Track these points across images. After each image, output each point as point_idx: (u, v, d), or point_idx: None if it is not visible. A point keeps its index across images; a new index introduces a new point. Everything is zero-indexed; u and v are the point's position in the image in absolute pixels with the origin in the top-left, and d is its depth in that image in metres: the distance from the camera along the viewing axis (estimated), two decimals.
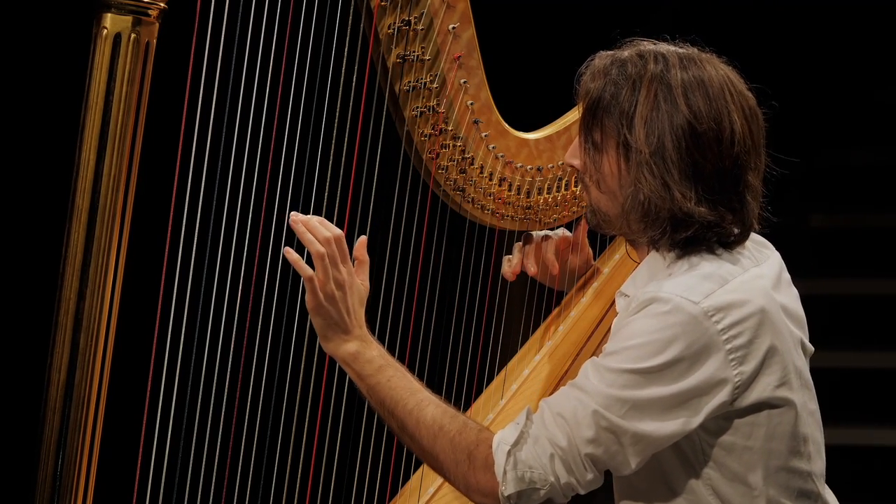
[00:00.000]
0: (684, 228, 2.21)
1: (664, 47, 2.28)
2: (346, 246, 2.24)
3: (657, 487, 2.22)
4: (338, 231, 2.24)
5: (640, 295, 2.19)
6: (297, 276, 2.28)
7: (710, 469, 2.20)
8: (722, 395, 2.15)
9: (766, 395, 2.18)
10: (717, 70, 2.25)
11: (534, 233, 2.65)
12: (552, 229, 2.68)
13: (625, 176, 2.24)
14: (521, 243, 2.65)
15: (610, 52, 2.30)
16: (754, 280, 2.22)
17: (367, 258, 2.30)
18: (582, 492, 2.16)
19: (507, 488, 2.15)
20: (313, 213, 2.29)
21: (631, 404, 2.13)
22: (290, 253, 2.21)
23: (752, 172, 2.23)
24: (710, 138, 2.20)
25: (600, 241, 2.77)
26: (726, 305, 2.16)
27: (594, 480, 2.16)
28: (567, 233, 2.68)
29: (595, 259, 2.78)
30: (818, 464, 2.27)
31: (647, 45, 2.29)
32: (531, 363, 2.61)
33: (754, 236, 2.31)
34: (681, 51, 2.27)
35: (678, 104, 2.20)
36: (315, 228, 2.22)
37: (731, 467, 2.20)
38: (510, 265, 2.64)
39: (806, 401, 2.24)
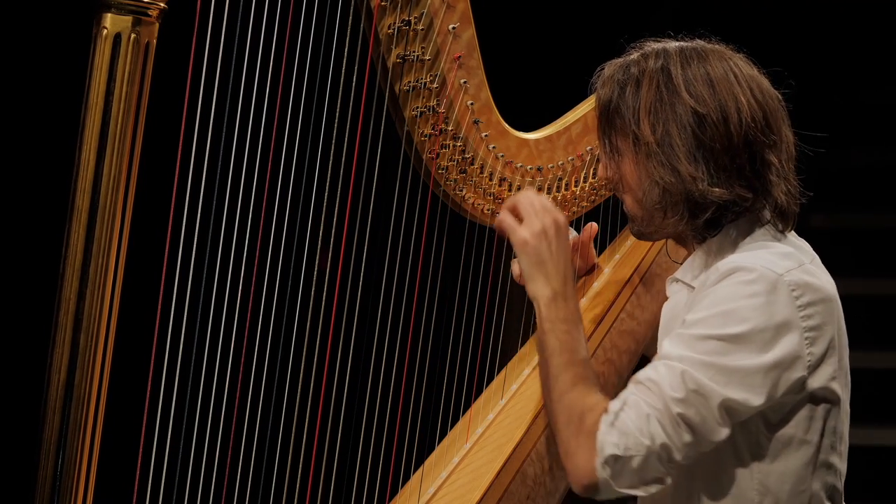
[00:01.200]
0: (702, 210, 2.24)
1: (668, 44, 2.31)
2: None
3: (706, 480, 2.22)
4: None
5: (721, 266, 2.21)
6: (296, 276, 2.28)
7: (762, 463, 2.21)
8: (800, 370, 2.17)
9: (825, 385, 2.21)
10: (722, 57, 2.28)
11: None
12: None
13: (642, 171, 2.26)
14: None
15: (617, 60, 2.33)
16: (822, 270, 2.27)
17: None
18: (678, 456, 2.15)
19: (603, 453, 2.14)
20: (313, 213, 2.30)
21: (717, 369, 2.14)
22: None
23: (770, 150, 2.24)
24: (716, 119, 2.22)
25: (600, 242, 2.77)
26: (804, 284, 2.19)
27: (692, 444, 2.15)
28: (576, 234, 2.68)
29: (596, 258, 2.78)
30: (845, 465, 2.29)
31: (651, 45, 2.33)
32: (531, 363, 2.61)
33: (794, 237, 2.32)
34: (684, 44, 2.31)
35: (680, 93, 2.23)
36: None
37: (784, 461, 2.21)
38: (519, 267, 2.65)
39: (846, 400, 2.28)
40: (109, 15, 2.03)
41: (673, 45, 2.31)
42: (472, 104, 2.49)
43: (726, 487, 2.22)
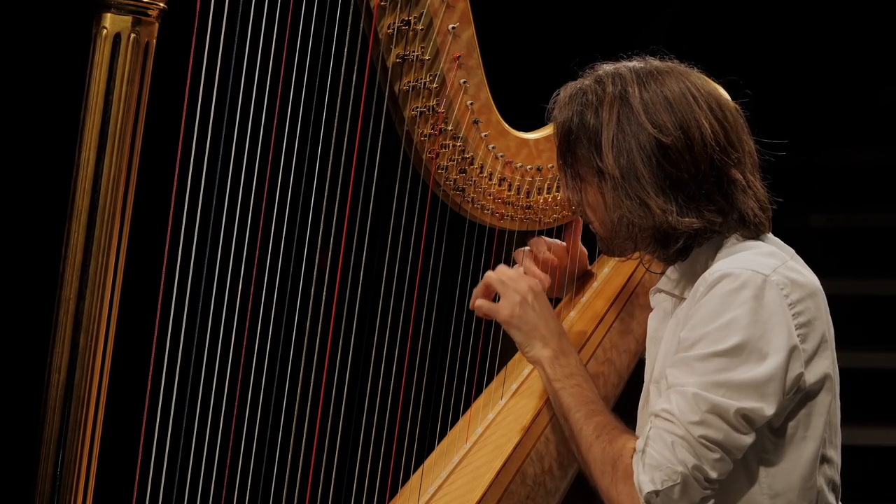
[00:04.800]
0: (673, 241, 2.25)
1: (622, 66, 2.30)
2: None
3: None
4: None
5: (707, 276, 2.21)
6: (296, 276, 2.28)
7: (768, 467, 2.22)
8: (797, 367, 2.18)
9: (819, 378, 2.22)
10: (677, 78, 2.27)
11: (531, 243, 2.64)
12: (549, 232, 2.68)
13: (608, 202, 2.26)
14: (520, 251, 2.65)
15: (573, 83, 2.33)
16: (803, 265, 2.27)
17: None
18: (714, 474, 2.16)
19: (643, 492, 2.17)
20: (313, 213, 2.30)
21: (727, 386, 2.15)
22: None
23: (734, 168, 2.24)
24: (680, 148, 2.21)
25: None
26: (791, 282, 2.19)
27: (722, 460, 2.16)
28: (560, 243, 2.68)
29: (594, 260, 2.78)
30: (839, 458, 2.30)
31: (606, 68, 2.31)
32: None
33: (774, 239, 2.32)
34: (638, 66, 2.29)
35: (641, 121, 2.22)
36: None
37: (789, 460, 2.22)
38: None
39: (837, 393, 2.29)
40: (109, 15, 2.03)
41: (627, 66, 2.30)
42: (471, 104, 2.49)
43: (736, 496, 2.22)
